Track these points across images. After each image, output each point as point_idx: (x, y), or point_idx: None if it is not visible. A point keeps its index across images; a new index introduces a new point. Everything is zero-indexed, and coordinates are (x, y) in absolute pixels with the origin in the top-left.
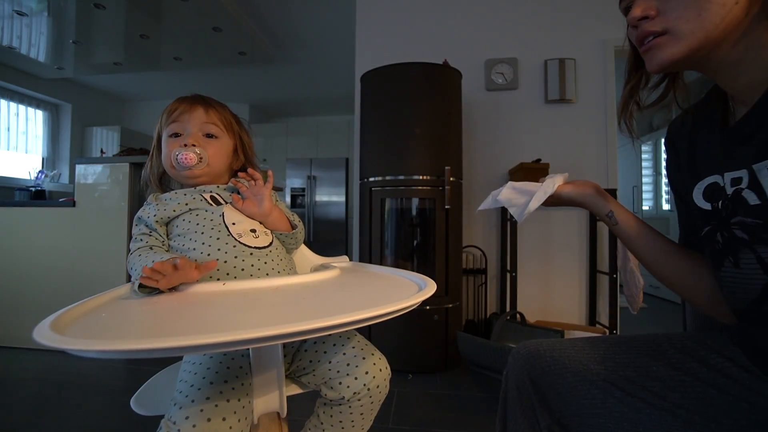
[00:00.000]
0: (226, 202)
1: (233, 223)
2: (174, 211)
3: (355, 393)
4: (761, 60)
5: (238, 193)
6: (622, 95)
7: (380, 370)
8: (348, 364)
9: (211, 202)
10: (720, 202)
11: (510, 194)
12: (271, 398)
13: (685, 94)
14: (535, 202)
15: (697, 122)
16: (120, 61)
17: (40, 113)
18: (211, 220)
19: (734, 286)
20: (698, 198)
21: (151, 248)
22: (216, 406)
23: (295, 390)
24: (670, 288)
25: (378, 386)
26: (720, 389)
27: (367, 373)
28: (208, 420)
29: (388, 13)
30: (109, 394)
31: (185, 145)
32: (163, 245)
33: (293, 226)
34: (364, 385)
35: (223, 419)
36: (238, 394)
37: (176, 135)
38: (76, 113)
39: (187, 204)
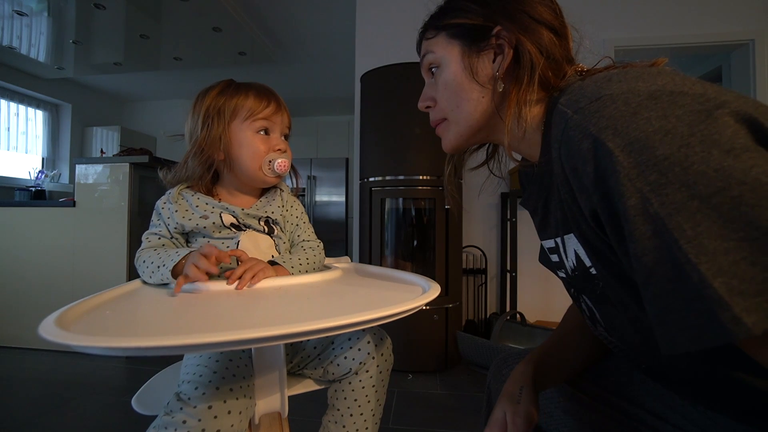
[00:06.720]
0: (246, 228)
1: None
2: (191, 229)
3: (361, 363)
4: (522, 137)
5: (268, 220)
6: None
7: (381, 339)
8: (349, 339)
9: (230, 228)
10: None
11: None
12: (272, 398)
13: (497, 162)
14: None
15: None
16: (120, 61)
17: (40, 113)
18: (227, 247)
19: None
20: (545, 259)
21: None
22: (209, 407)
23: (297, 390)
24: None
25: (383, 354)
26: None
27: (369, 342)
28: (215, 417)
29: (388, 13)
30: (109, 394)
31: (280, 150)
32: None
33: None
34: (369, 353)
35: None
36: (238, 396)
37: (265, 132)
38: (76, 113)
39: (205, 227)
